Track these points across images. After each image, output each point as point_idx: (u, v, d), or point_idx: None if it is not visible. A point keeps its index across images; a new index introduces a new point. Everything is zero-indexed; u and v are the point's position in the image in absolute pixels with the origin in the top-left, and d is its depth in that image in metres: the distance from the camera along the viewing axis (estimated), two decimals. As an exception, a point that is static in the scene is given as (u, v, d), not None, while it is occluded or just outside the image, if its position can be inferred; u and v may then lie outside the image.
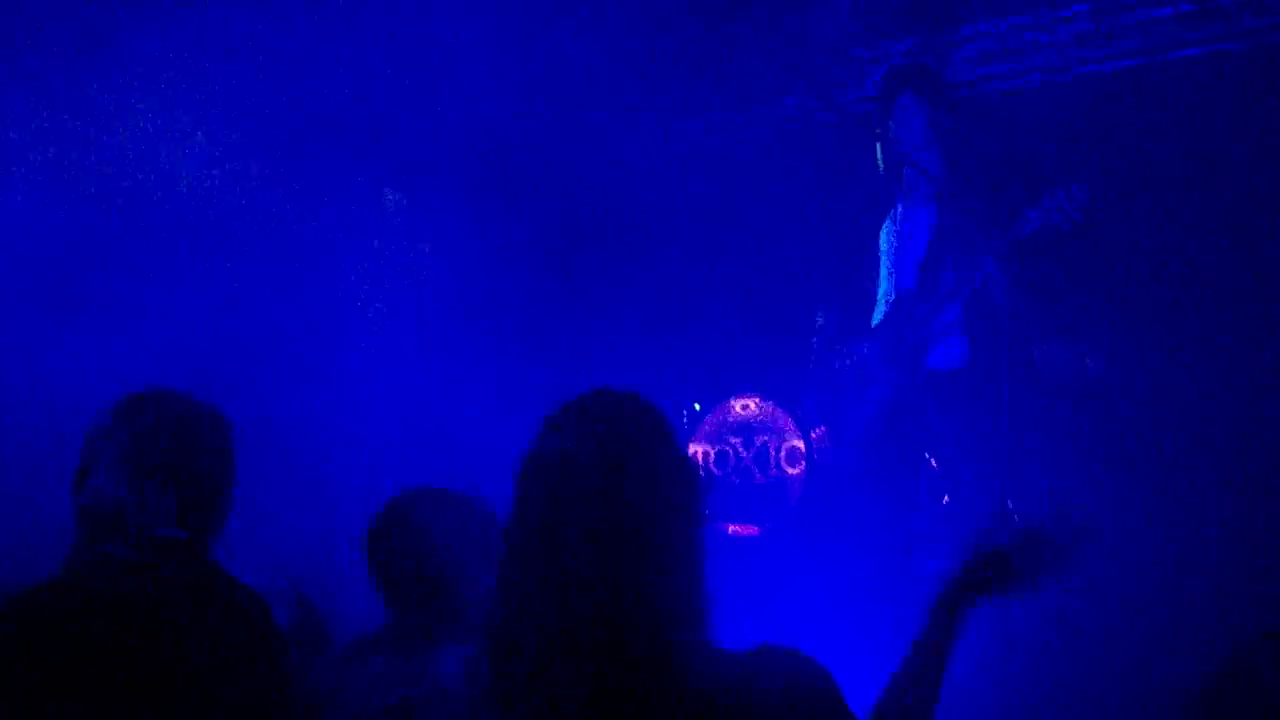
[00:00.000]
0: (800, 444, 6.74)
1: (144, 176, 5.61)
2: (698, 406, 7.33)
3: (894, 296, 5.25)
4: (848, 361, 5.37)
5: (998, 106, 6.43)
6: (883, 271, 5.35)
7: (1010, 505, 5.14)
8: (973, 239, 4.95)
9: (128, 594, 2.49)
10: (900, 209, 5.33)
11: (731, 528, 6.67)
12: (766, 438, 6.90)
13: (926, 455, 5.48)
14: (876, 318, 5.33)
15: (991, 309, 4.99)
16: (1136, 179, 5.91)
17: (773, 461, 6.84)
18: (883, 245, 5.36)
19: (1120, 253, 5.89)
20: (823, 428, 6.48)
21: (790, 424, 6.84)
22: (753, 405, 7.02)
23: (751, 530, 6.62)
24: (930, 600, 2.24)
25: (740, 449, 6.94)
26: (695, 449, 7.11)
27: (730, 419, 7.10)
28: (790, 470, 6.79)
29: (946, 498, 5.74)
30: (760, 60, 6.74)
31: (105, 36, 5.41)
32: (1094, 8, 6.25)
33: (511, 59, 6.16)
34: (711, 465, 7.05)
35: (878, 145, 5.41)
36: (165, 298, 5.57)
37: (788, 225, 6.70)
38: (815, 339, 5.63)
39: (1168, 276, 6.00)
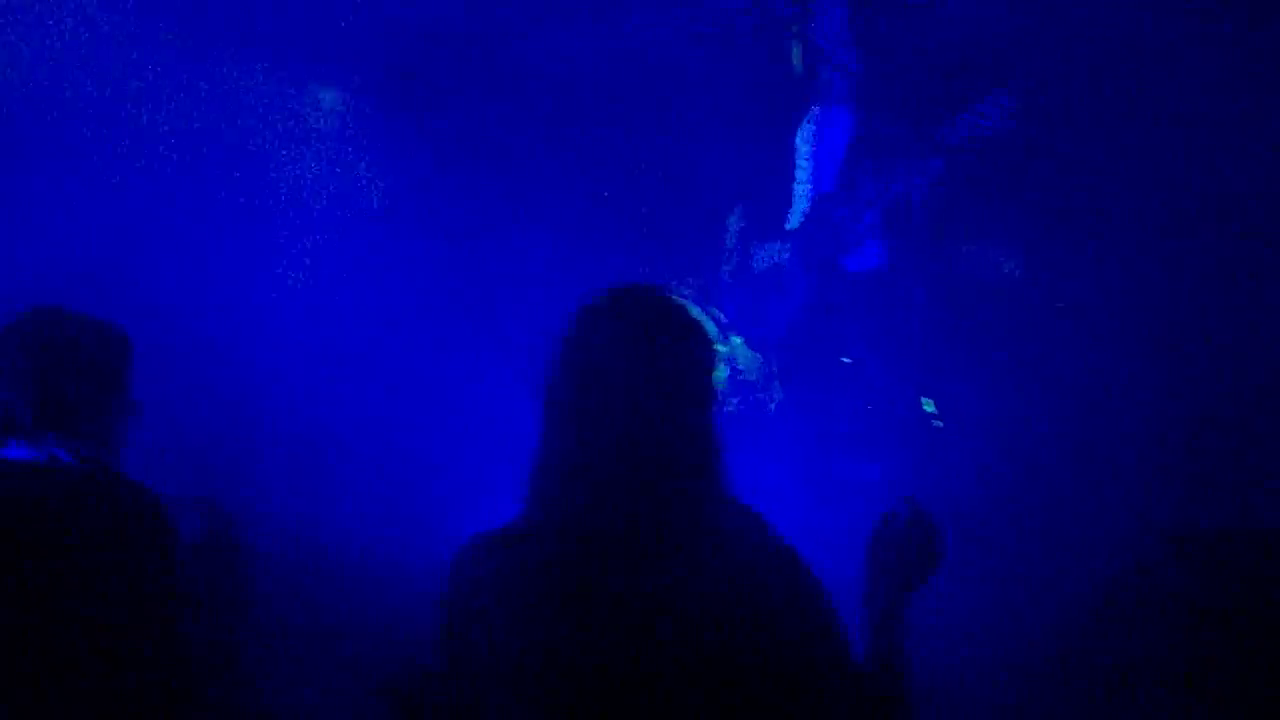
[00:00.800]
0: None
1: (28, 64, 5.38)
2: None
3: (812, 199, 5.22)
4: (765, 264, 5.34)
5: (917, 6, 6.34)
6: (799, 173, 5.31)
7: (929, 409, 5.17)
8: (893, 143, 4.92)
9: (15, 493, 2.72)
10: (817, 110, 5.29)
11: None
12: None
13: (844, 359, 5.47)
14: (794, 221, 5.30)
15: (909, 211, 4.98)
16: (1055, 81, 5.87)
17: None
18: (799, 147, 5.32)
19: (1040, 155, 5.86)
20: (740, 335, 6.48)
21: (711, 327, 6.77)
22: (671, 309, 6.94)
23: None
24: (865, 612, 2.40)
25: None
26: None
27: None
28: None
29: (869, 405, 5.75)
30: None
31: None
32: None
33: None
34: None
35: (794, 45, 5.35)
36: (61, 200, 5.41)
37: (704, 126, 6.62)
38: (730, 241, 5.57)
39: (1088, 181, 6.00)
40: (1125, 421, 5.55)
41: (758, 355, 5.71)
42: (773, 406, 5.52)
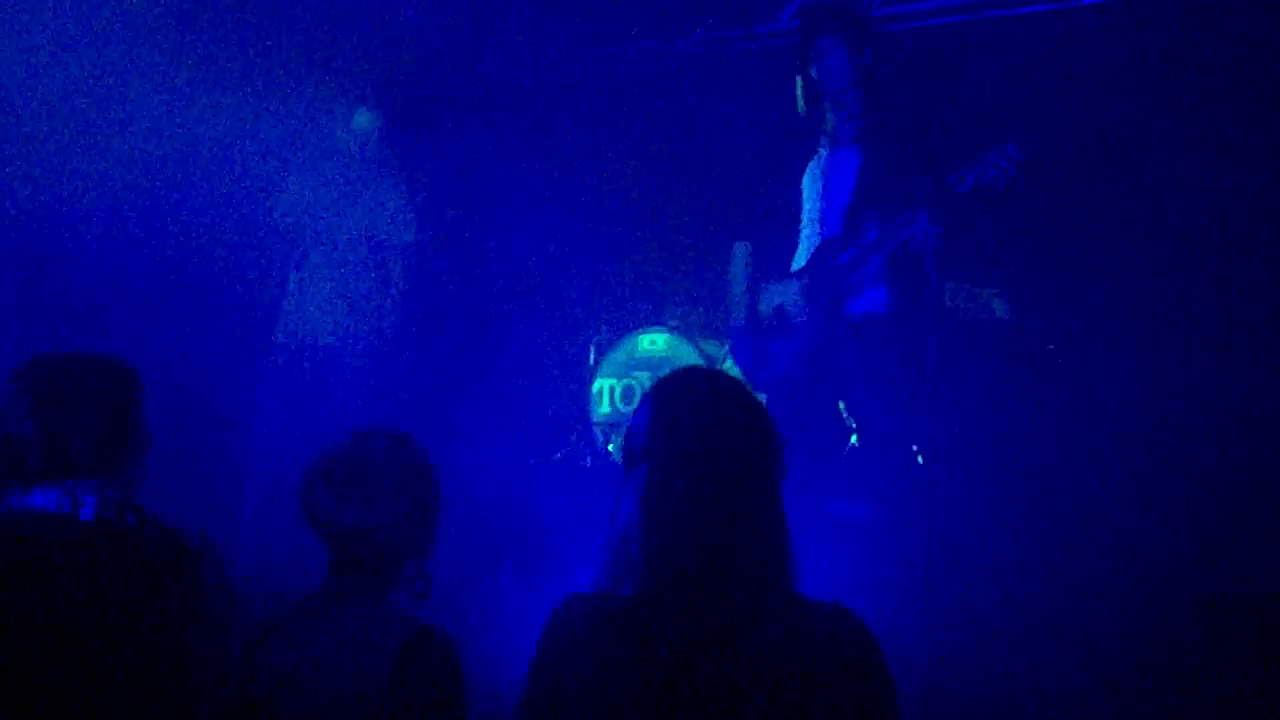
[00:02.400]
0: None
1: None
2: (604, 340, 7.25)
3: (818, 241, 5.21)
4: (769, 306, 5.32)
5: (918, 48, 6.37)
6: (805, 214, 5.29)
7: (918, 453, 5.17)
8: (900, 188, 4.92)
9: (46, 543, 2.72)
10: (824, 151, 5.27)
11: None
12: (673, 374, 6.78)
13: (839, 403, 5.46)
14: (799, 261, 5.28)
15: (914, 256, 4.98)
16: (1050, 126, 5.91)
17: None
18: (806, 188, 5.30)
19: (1033, 198, 5.89)
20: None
21: (697, 359, 6.75)
22: (660, 340, 6.94)
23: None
24: None
25: (646, 385, 6.84)
26: (600, 383, 7.02)
27: (637, 353, 7.01)
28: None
29: (862, 445, 5.74)
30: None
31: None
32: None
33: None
34: (616, 400, 6.97)
35: (798, 83, 5.34)
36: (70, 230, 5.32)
37: (707, 159, 6.62)
38: (736, 280, 5.53)
39: (1079, 220, 6.04)
40: (1117, 461, 5.59)
41: (760, 395, 5.69)
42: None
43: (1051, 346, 6.04)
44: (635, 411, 2.56)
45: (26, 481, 2.81)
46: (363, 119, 6.31)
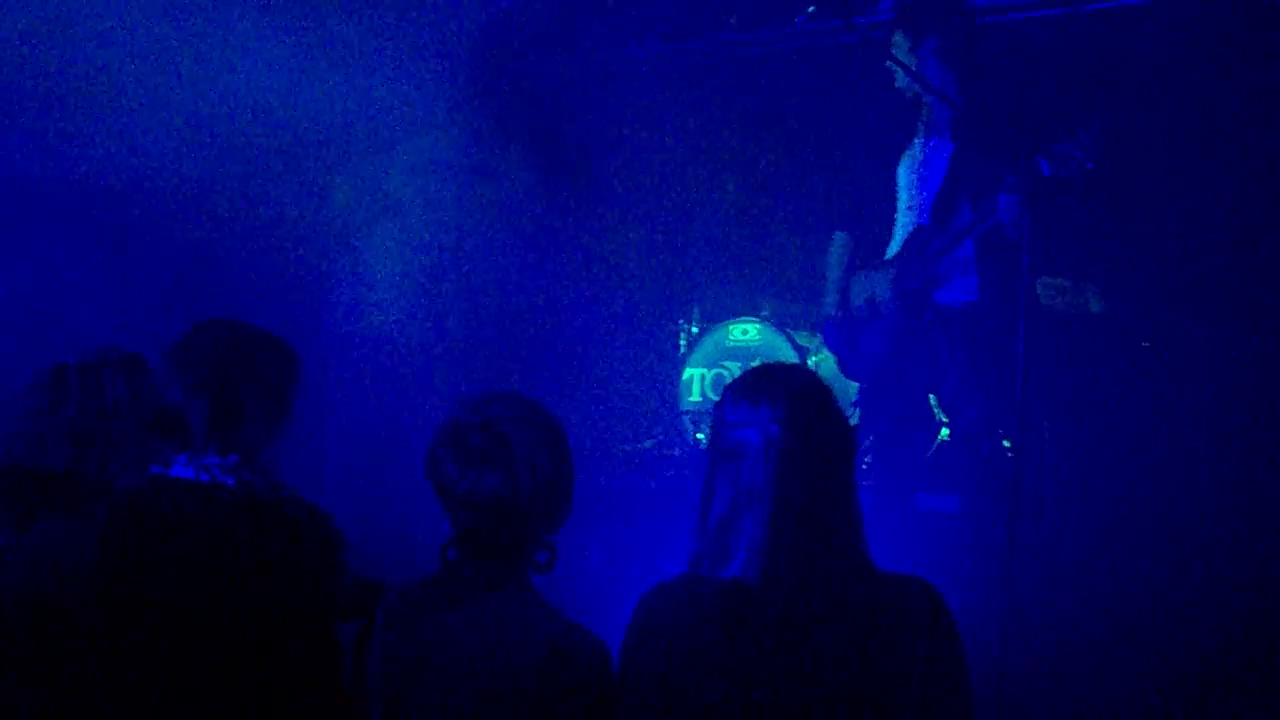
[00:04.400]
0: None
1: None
2: (695, 329, 7.27)
3: (911, 229, 5.20)
4: (862, 296, 5.32)
5: (1016, 37, 6.32)
6: (901, 203, 5.28)
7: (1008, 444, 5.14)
8: (991, 175, 4.89)
9: (189, 514, 2.74)
10: (920, 141, 5.26)
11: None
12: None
13: (929, 394, 5.45)
14: (892, 249, 5.28)
15: (1003, 245, 4.95)
16: (1150, 116, 5.84)
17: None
18: (901, 177, 5.29)
19: (1129, 190, 5.83)
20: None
21: (789, 350, 6.77)
22: (752, 330, 6.95)
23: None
24: None
25: (736, 374, 6.83)
26: (690, 372, 7.05)
27: (728, 342, 7.03)
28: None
29: (952, 437, 5.71)
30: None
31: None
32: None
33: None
34: (706, 389, 7.00)
35: (896, 72, 5.32)
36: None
37: (805, 149, 6.62)
38: (832, 271, 5.54)
39: (1174, 216, 5.97)
40: (1211, 461, 5.50)
41: (852, 384, 5.70)
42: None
43: (1146, 344, 5.97)
44: (718, 405, 2.65)
45: (175, 449, 2.82)
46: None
